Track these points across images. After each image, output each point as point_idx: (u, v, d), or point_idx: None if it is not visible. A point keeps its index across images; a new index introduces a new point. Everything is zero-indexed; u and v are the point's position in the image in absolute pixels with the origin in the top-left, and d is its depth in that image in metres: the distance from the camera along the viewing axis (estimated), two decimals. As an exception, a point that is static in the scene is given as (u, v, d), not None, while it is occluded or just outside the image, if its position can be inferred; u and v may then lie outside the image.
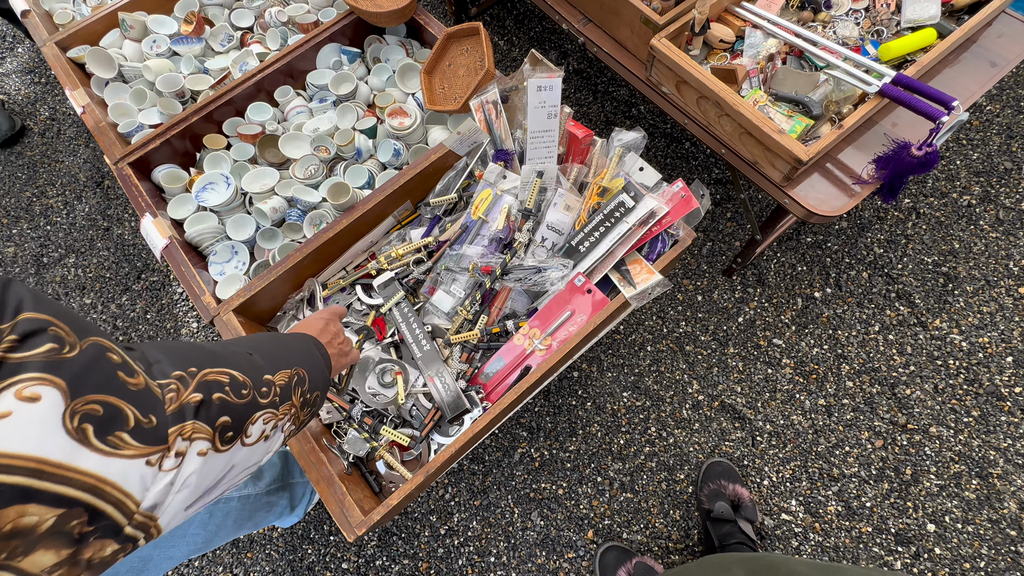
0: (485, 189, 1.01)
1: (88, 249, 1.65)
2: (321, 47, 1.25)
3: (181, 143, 1.17)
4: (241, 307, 0.95)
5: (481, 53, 1.10)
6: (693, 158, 1.59)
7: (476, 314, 0.95)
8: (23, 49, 2.06)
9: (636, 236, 0.91)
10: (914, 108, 0.88)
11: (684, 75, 1.01)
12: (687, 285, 1.44)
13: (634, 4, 1.06)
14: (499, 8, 1.91)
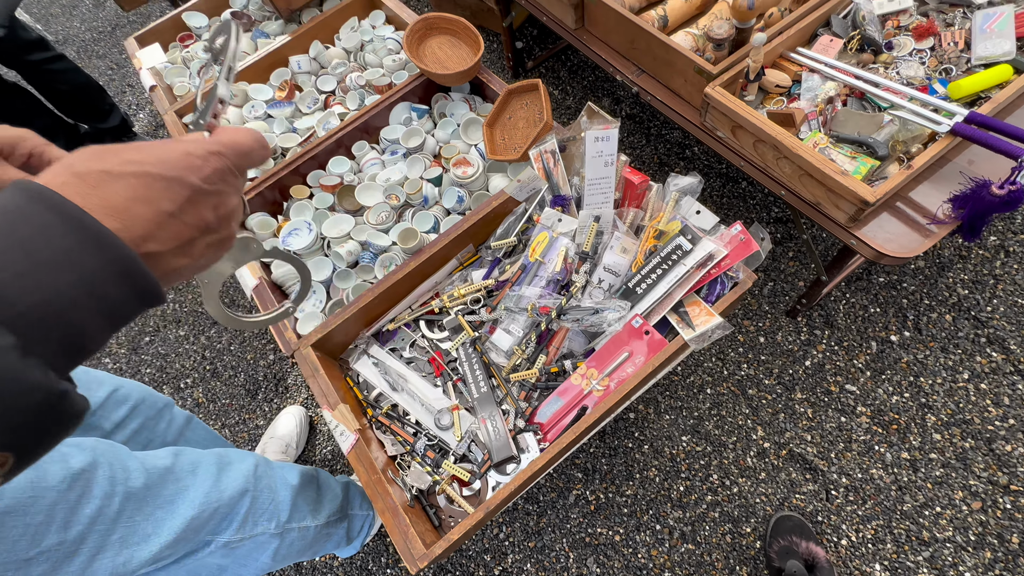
0: (542, 232, 1.06)
1: (184, 286, 1.84)
2: (394, 106, 1.38)
3: (271, 193, 1.32)
4: (318, 342, 1.04)
5: (540, 107, 1.17)
6: (750, 197, 1.58)
7: (533, 353, 0.98)
8: (143, 115, 2.41)
9: (694, 278, 0.91)
10: (992, 146, 0.85)
11: (740, 120, 1.03)
12: (748, 326, 1.40)
13: (687, 56, 1.10)
14: (554, 60, 2.02)
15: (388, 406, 1.03)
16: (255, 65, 1.54)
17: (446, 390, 1.02)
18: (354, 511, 1.20)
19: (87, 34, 2.87)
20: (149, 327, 1.78)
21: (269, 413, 1.54)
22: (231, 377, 1.62)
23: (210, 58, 0.43)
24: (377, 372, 1.07)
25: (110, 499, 0.63)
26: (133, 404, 0.89)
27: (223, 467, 0.82)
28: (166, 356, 1.71)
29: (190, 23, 1.74)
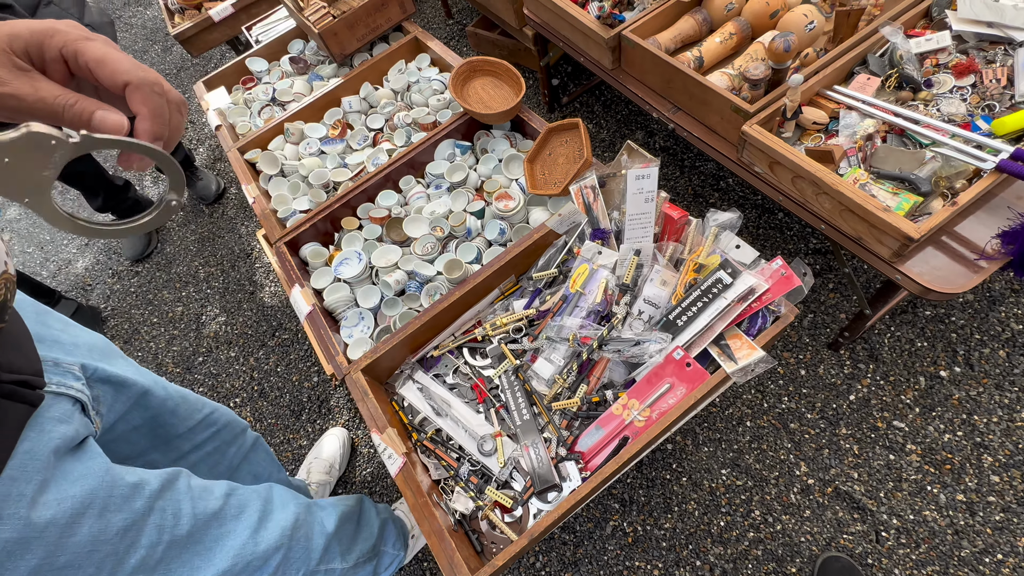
0: (582, 264, 1.09)
1: (236, 310, 1.95)
2: (439, 142, 1.46)
3: (324, 225, 1.41)
4: (367, 367, 1.09)
5: (580, 144, 1.23)
6: (787, 228, 1.58)
7: (575, 383, 1.00)
8: (203, 149, 2.59)
9: (735, 312, 0.93)
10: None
11: (778, 157, 1.05)
12: (788, 358, 1.39)
13: (724, 95, 1.14)
14: (588, 96, 2.09)
15: (432, 431, 1.06)
16: (310, 106, 1.66)
17: (488, 416, 1.05)
18: (386, 548, 1.19)
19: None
20: (202, 348, 1.89)
21: (312, 434, 1.60)
22: (277, 398, 1.70)
23: None
24: (422, 397, 1.11)
25: (155, 548, 0.63)
26: (217, 429, 0.93)
27: (265, 516, 0.81)
28: (217, 376, 1.80)
29: (252, 68, 1.90)
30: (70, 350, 0.64)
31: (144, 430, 0.77)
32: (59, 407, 0.57)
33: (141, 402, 0.75)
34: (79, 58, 0.39)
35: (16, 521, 0.50)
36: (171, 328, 1.98)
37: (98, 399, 0.66)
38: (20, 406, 0.52)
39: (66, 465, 0.56)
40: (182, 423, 0.84)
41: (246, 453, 1.02)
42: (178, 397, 0.84)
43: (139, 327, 2.02)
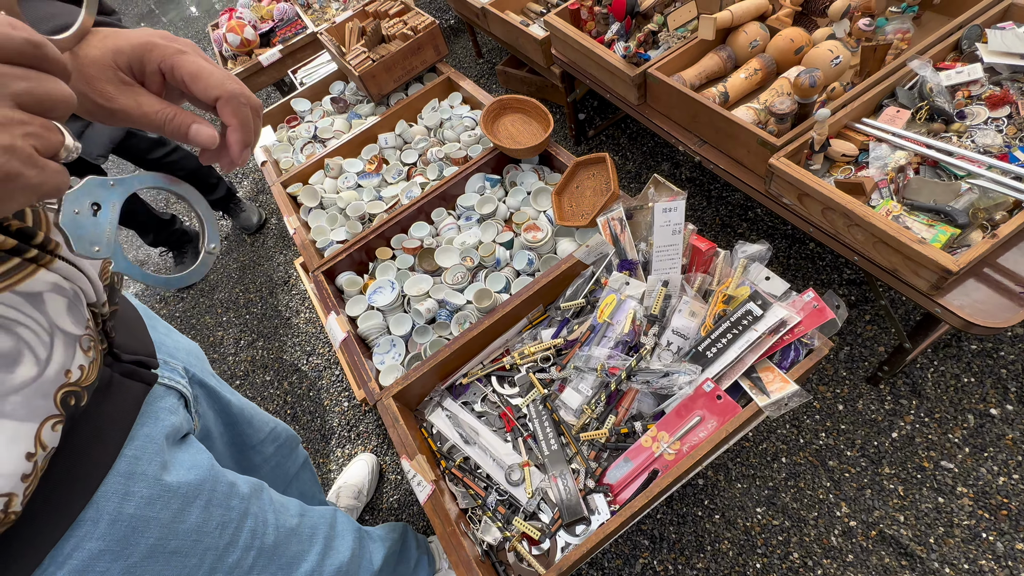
0: (610, 295, 1.10)
1: (272, 335, 2.03)
2: (469, 176, 1.52)
3: (359, 254, 1.47)
4: (398, 393, 1.12)
5: (607, 177, 1.26)
6: (819, 258, 1.56)
7: (603, 413, 1.00)
8: (247, 182, 2.75)
9: (766, 344, 0.92)
10: (1086, 216, 0.82)
11: (807, 189, 1.05)
12: (824, 392, 1.35)
13: (750, 129, 1.16)
14: (614, 129, 2.14)
15: (460, 459, 1.07)
16: (349, 142, 1.76)
17: (516, 446, 1.06)
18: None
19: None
20: (240, 371, 1.96)
21: (341, 459, 1.62)
22: (308, 422, 1.74)
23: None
24: (450, 425, 1.12)
25: (248, 551, 0.65)
26: (280, 443, 0.97)
27: (329, 542, 0.83)
28: (253, 399, 1.86)
29: (296, 108, 2.03)
30: (173, 352, 0.70)
31: (225, 438, 0.81)
32: (168, 399, 0.62)
33: (224, 410, 0.80)
34: (175, 72, 0.43)
35: (145, 492, 0.54)
36: (211, 352, 2.06)
37: (197, 399, 0.71)
38: (138, 385, 0.57)
39: (178, 453, 0.60)
40: (255, 434, 0.88)
41: (298, 470, 1.05)
42: (250, 410, 0.89)
43: (182, 350, 2.12)
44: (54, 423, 0.46)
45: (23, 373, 0.44)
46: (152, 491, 0.55)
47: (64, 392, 0.47)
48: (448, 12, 3.19)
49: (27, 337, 0.44)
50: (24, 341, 0.44)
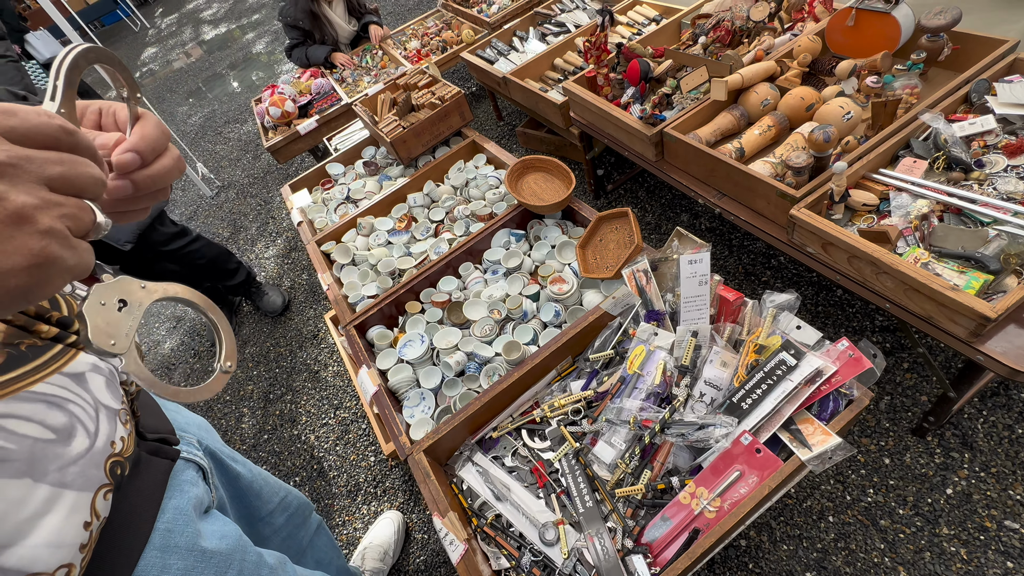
0: (639, 346, 1.11)
1: (300, 389, 2.06)
2: (495, 232, 1.58)
3: (389, 309, 1.51)
4: (429, 448, 1.12)
5: (630, 231, 1.30)
6: (848, 305, 1.54)
7: (638, 468, 0.98)
8: (281, 240, 2.89)
9: (803, 395, 0.90)
10: (1124, 261, 0.81)
11: (830, 239, 1.07)
12: (868, 444, 1.29)
13: (768, 182, 1.19)
14: (632, 183, 2.21)
15: (492, 516, 1.05)
16: (380, 202, 1.86)
17: (549, 502, 1.03)
18: None
19: (245, 179, 3.60)
20: (268, 425, 1.98)
21: (367, 516, 1.59)
22: (335, 477, 1.72)
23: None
24: (481, 480, 1.11)
25: None
26: (291, 513, 0.96)
27: None
28: (280, 453, 1.86)
29: (331, 172, 2.16)
30: (185, 427, 0.72)
31: (234, 513, 0.81)
32: (188, 471, 0.64)
33: (234, 483, 0.80)
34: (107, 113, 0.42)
35: (181, 564, 0.54)
36: (241, 405, 2.09)
37: (211, 471, 0.72)
38: (164, 460, 0.60)
39: (206, 524, 0.61)
40: (264, 506, 0.88)
41: (311, 537, 1.03)
42: (260, 480, 0.88)
43: (213, 404, 2.15)
44: (106, 491, 0.49)
45: (78, 445, 0.47)
46: (187, 562, 0.56)
47: (112, 462, 0.50)
48: (470, 80, 3.42)
49: (78, 413, 0.48)
50: (76, 416, 0.48)
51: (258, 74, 5.33)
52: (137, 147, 0.39)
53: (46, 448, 0.45)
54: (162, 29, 8.48)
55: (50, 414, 0.46)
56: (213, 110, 4.89)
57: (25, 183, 0.29)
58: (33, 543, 0.42)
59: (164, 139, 0.41)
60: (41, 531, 0.42)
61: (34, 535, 0.42)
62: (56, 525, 0.43)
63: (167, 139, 0.41)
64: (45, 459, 0.44)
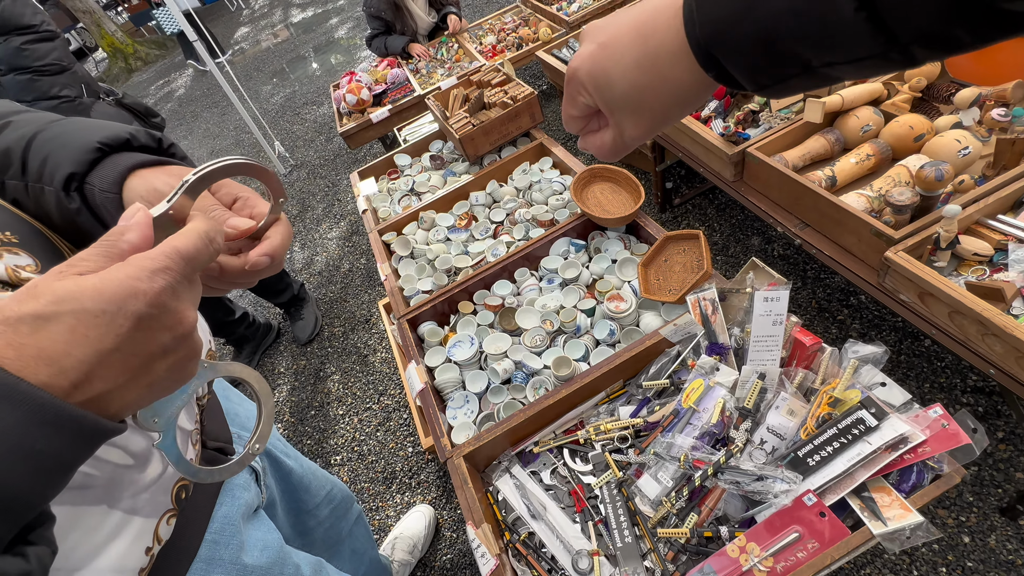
0: (697, 379, 1.05)
1: (349, 371, 2.13)
2: (555, 240, 1.55)
3: (442, 306, 1.52)
4: (469, 454, 1.11)
5: (699, 254, 1.23)
6: (937, 358, 1.39)
7: (684, 510, 0.93)
8: (344, 223, 3.00)
9: (883, 461, 0.82)
10: None
11: (931, 289, 0.96)
12: (945, 517, 1.17)
13: (862, 218, 1.09)
14: (701, 198, 2.11)
15: (525, 533, 1.03)
16: (443, 198, 1.87)
17: (585, 528, 1.00)
18: None
19: (316, 159, 3.75)
20: (316, 402, 2.06)
21: (400, 506, 1.62)
22: (373, 463, 1.77)
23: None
24: (517, 494, 1.09)
25: None
26: (335, 505, 0.99)
27: None
28: (324, 431, 1.94)
29: (398, 162, 2.21)
30: (245, 423, 0.74)
31: (284, 505, 0.83)
32: (242, 476, 0.65)
33: (286, 479, 0.82)
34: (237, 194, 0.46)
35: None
36: (293, 379, 2.20)
37: (265, 471, 0.74)
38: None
39: (253, 532, 0.62)
40: (312, 499, 0.90)
41: (351, 527, 1.06)
42: (310, 474, 0.90)
43: (266, 375, 2.27)
44: (169, 516, 0.49)
45: (152, 471, 0.47)
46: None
47: (179, 487, 0.50)
48: (542, 78, 3.39)
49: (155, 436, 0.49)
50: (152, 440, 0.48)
51: (337, 58, 5.55)
52: (273, 253, 0.43)
53: (124, 474, 0.45)
54: (255, 10, 9.00)
55: (132, 439, 0.46)
56: (294, 91, 5.13)
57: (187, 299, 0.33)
58: (98, 567, 0.42)
59: (290, 241, 0.45)
60: (107, 557, 0.42)
61: (100, 560, 0.42)
62: (121, 551, 0.42)
63: (291, 238, 0.45)
64: (121, 485, 0.44)
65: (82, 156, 0.43)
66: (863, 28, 0.22)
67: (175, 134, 5.29)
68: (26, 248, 0.41)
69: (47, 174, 0.43)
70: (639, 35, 0.31)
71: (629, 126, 0.35)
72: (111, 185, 0.42)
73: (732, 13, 0.26)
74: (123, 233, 0.32)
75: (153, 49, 9.03)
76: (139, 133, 0.46)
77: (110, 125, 0.46)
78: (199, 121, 5.50)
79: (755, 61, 0.27)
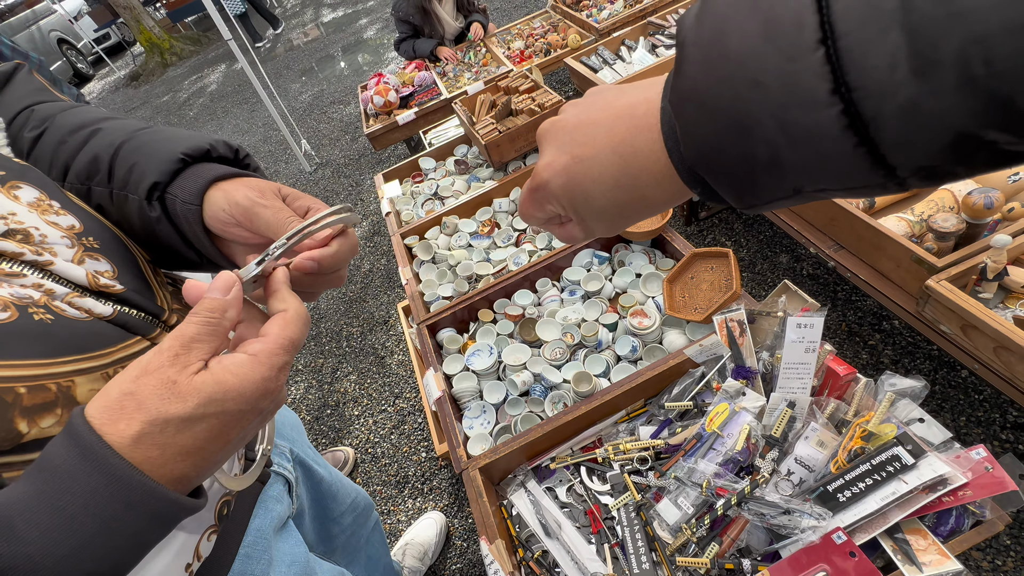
0: (722, 403, 1.02)
1: (366, 371, 2.14)
2: (578, 251, 1.53)
3: (462, 313, 1.52)
4: (485, 466, 1.10)
5: (728, 273, 1.20)
6: (975, 390, 1.33)
7: (705, 538, 0.90)
8: (367, 223, 3.02)
9: (919, 502, 0.78)
10: None
11: (975, 322, 0.92)
12: (979, 560, 1.11)
13: (902, 243, 1.05)
14: (727, 212, 2.07)
15: (539, 552, 1.02)
16: (466, 203, 1.87)
17: (601, 551, 0.98)
18: None
19: (341, 159, 3.80)
20: (332, 401, 2.08)
21: (411, 511, 1.62)
22: (386, 465, 1.77)
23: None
24: (532, 511, 1.08)
25: None
26: (358, 513, 0.99)
27: None
28: (339, 431, 1.95)
29: (423, 165, 2.21)
30: (281, 430, 0.73)
31: (312, 513, 0.82)
32: (276, 487, 0.64)
33: (317, 487, 0.82)
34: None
35: None
36: (311, 377, 2.22)
37: (297, 480, 0.73)
38: (256, 483, 0.59)
39: (281, 545, 0.61)
40: (338, 507, 0.89)
41: (369, 535, 1.06)
42: (338, 482, 0.90)
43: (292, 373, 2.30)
44: (210, 533, 0.48)
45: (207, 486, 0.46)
46: None
47: (223, 502, 0.50)
48: (569, 84, 3.37)
49: None
50: None
51: (365, 57, 5.62)
52: (321, 259, 0.42)
53: None
54: (287, 8, 9.18)
55: None
56: (322, 90, 5.21)
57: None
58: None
59: (352, 254, 0.45)
60: (148, 573, 0.41)
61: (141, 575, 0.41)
62: (162, 567, 0.41)
63: (355, 252, 0.46)
64: None
65: (166, 166, 0.44)
66: (862, 162, 0.21)
67: (206, 128, 5.42)
68: (105, 254, 0.43)
69: (132, 182, 0.45)
70: (618, 156, 0.30)
71: (601, 229, 0.35)
72: (193, 197, 0.44)
73: (721, 140, 0.25)
74: (225, 310, 0.34)
75: (188, 45, 9.28)
76: (218, 144, 0.47)
77: (192, 136, 0.47)
78: (229, 117, 5.62)
79: (744, 186, 0.26)
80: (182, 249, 0.47)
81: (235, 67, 7.00)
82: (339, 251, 0.43)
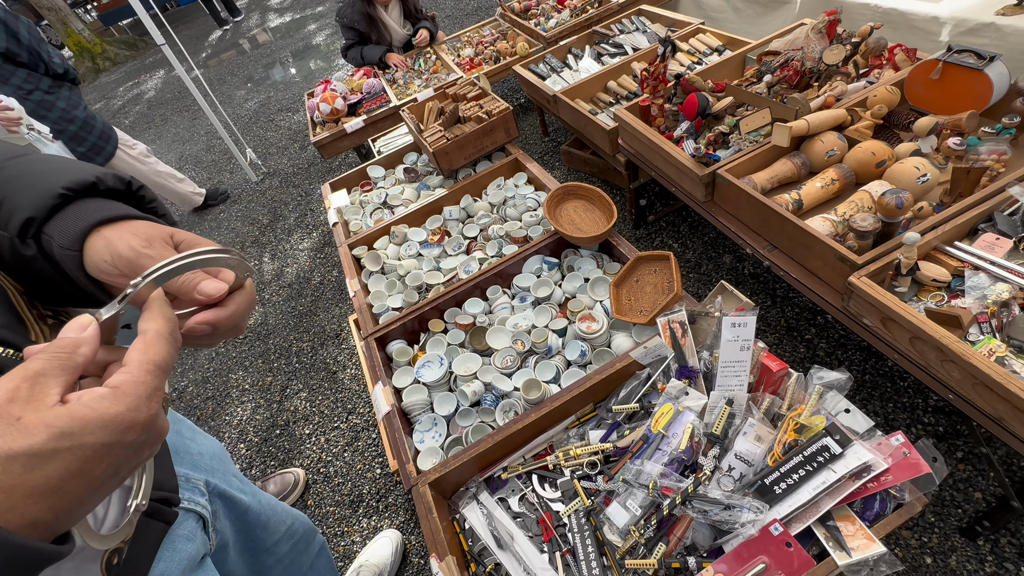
0: (667, 403, 1.04)
1: (317, 387, 2.06)
2: (528, 257, 1.53)
3: (412, 324, 1.48)
4: (435, 481, 1.07)
5: (670, 276, 1.23)
6: (900, 378, 1.42)
7: (652, 539, 0.91)
8: (316, 234, 2.93)
9: (847, 490, 0.82)
10: None
11: (891, 314, 0.98)
12: (908, 538, 1.18)
13: (826, 242, 1.11)
14: (674, 216, 2.13)
15: (492, 565, 1.00)
16: (415, 212, 1.84)
17: (553, 559, 0.97)
18: None
19: (289, 168, 3.67)
20: (281, 420, 1.99)
21: (366, 530, 1.56)
22: (339, 484, 1.71)
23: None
24: (484, 523, 1.06)
25: None
26: (296, 540, 0.94)
27: None
28: (289, 451, 1.87)
29: (371, 174, 2.17)
30: (197, 461, 0.68)
31: (239, 546, 0.78)
32: (187, 524, 0.60)
33: (242, 518, 0.77)
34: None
35: None
36: (258, 396, 2.11)
37: (216, 514, 0.68)
38: (159, 524, 0.54)
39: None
40: (270, 537, 0.84)
41: (312, 561, 1.01)
42: (269, 511, 0.85)
43: (231, 391, 2.18)
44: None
45: (76, 540, 0.42)
46: None
47: (111, 551, 0.45)
48: (519, 92, 3.40)
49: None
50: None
51: (316, 62, 5.48)
52: (217, 322, 0.40)
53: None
54: (231, 13, 8.80)
55: None
56: (268, 97, 5.03)
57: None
58: None
59: (250, 309, 0.43)
60: None
61: None
62: None
63: (253, 306, 0.44)
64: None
65: (43, 201, 0.40)
66: None
67: (143, 137, 5.12)
68: None
69: (2, 217, 0.41)
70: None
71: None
72: (71, 242, 0.40)
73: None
74: (78, 346, 0.31)
75: (123, 49, 8.77)
76: (107, 176, 0.43)
77: (76, 167, 0.42)
78: (169, 125, 5.34)
79: None
80: (64, 287, 0.43)
81: (174, 73, 6.67)
82: (235, 311, 0.41)
